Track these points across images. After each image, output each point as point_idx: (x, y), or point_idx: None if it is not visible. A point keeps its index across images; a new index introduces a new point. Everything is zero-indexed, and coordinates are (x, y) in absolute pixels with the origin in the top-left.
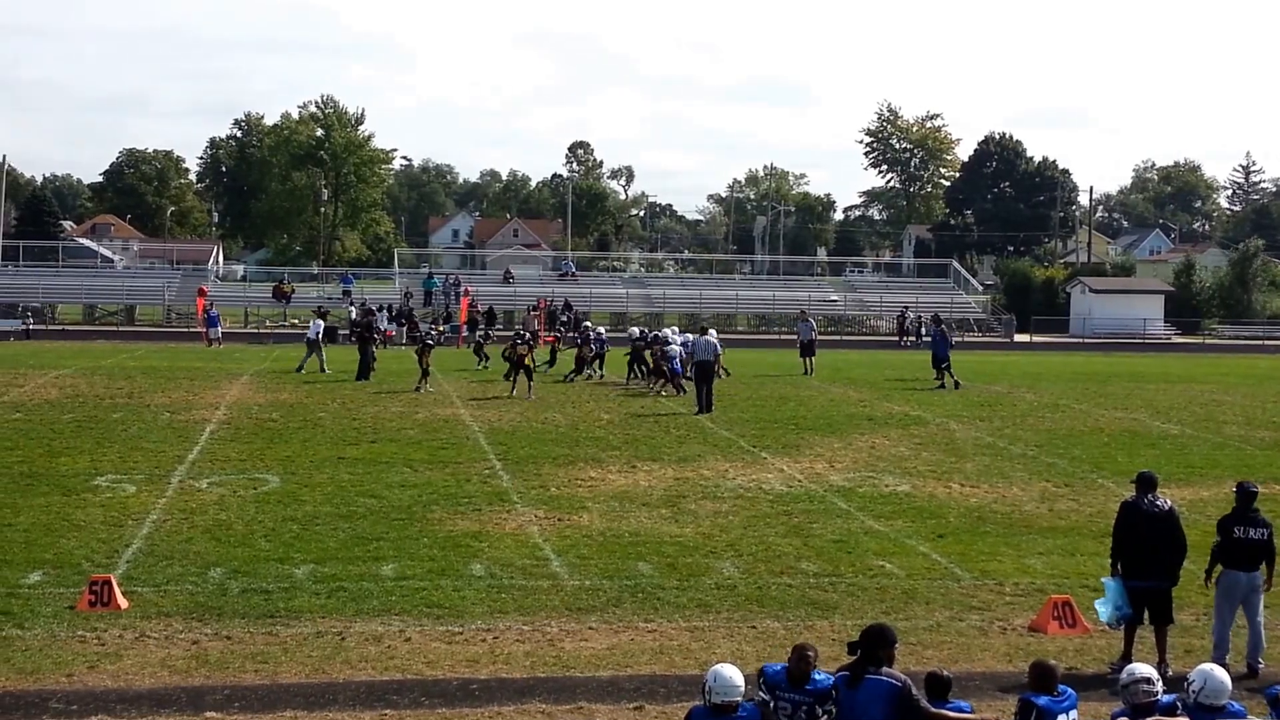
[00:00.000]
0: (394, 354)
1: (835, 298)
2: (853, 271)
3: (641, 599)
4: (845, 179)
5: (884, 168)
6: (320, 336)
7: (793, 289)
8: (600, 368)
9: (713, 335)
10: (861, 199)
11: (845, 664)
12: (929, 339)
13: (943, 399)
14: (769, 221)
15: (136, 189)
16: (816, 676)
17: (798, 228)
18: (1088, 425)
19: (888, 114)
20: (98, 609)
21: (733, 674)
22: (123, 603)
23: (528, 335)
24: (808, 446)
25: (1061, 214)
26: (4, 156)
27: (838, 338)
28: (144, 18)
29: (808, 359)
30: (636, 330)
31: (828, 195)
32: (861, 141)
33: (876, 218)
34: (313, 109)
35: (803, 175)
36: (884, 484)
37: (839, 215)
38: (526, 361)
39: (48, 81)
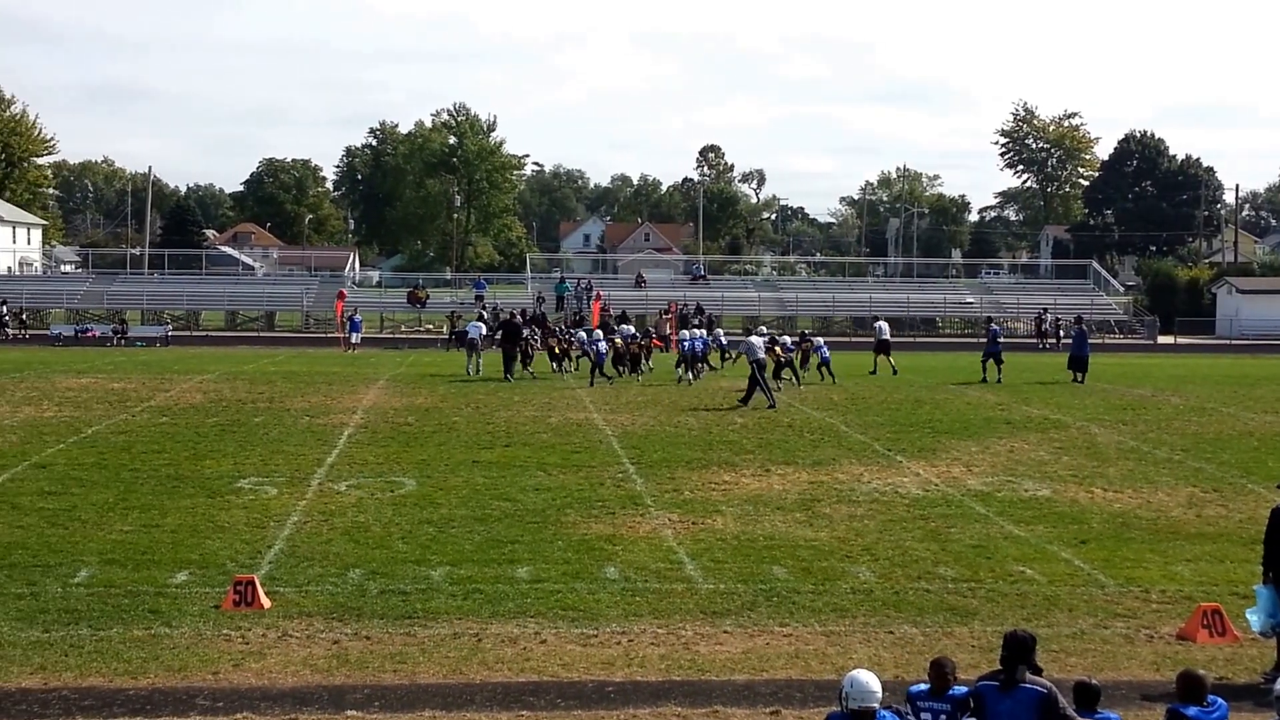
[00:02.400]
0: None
1: (971, 300)
2: (989, 273)
3: (776, 603)
4: (980, 180)
5: (1020, 168)
6: (481, 337)
7: (927, 291)
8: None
9: (756, 338)
10: (997, 200)
11: (989, 671)
12: (1068, 340)
13: (1083, 402)
14: (902, 224)
15: (276, 198)
16: (953, 691)
17: (932, 230)
18: (1236, 429)
19: (1024, 114)
20: (242, 608)
21: (870, 680)
22: (266, 602)
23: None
24: (944, 450)
25: (1206, 213)
26: (150, 168)
27: (974, 340)
28: (283, 31)
29: (883, 357)
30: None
31: (962, 196)
32: (997, 142)
33: (1013, 219)
34: (445, 117)
35: (937, 177)
36: (1023, 488)
37: (974, 217)
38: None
39: (191, 95)
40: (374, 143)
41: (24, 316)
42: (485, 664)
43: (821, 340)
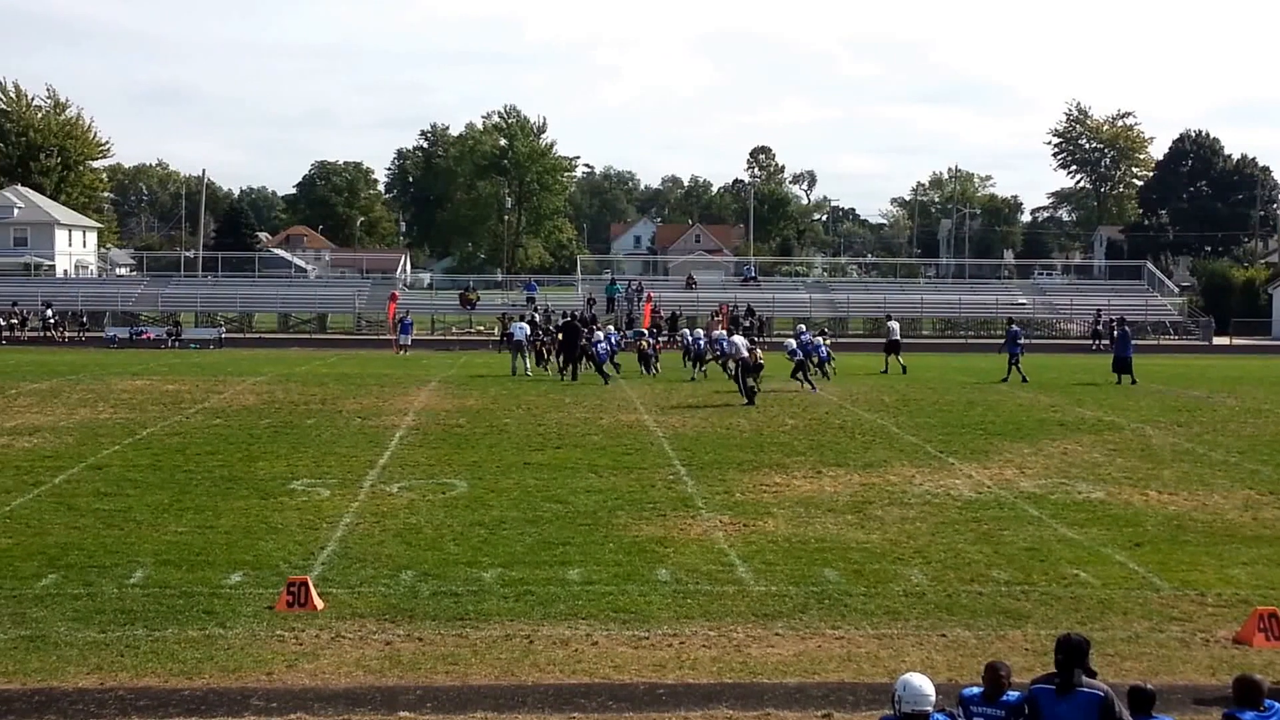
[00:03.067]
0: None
1: (1023, 301)
2: (1041, 274)
3: (828, 605)
4: (1033, 180)
5: (1073, 168)
6: (527, 339)
7: (979, 293)
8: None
9: (739, 338)
10: (1050, 200)
11: (1043, 674)
12: (1107, 341)
13: (1138, 404)
14: (954, 224)
15: (327, 200)
16: (1007, 697)
17: (984, 230)
18: None
19: (1077, 113)
20: (295, 609)
21: (923, 683)
22: (319, 603)
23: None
24: (997, 452)
25: (1262, 213)
26: (204, 171)
27: (1026, 341)
28: (334, 34)
29: (893, 356)
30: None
31: (1014, 197)
32: (1050, 142)
33: (1065, 219)
34: (496, 119)
35: (988, 177)
36: (1077, 491)
37: (1026, 217)
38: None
39: (244, 98)
40: (425, 145)
41: (82, 319)
42: (537, 666)
43: (821, 340)
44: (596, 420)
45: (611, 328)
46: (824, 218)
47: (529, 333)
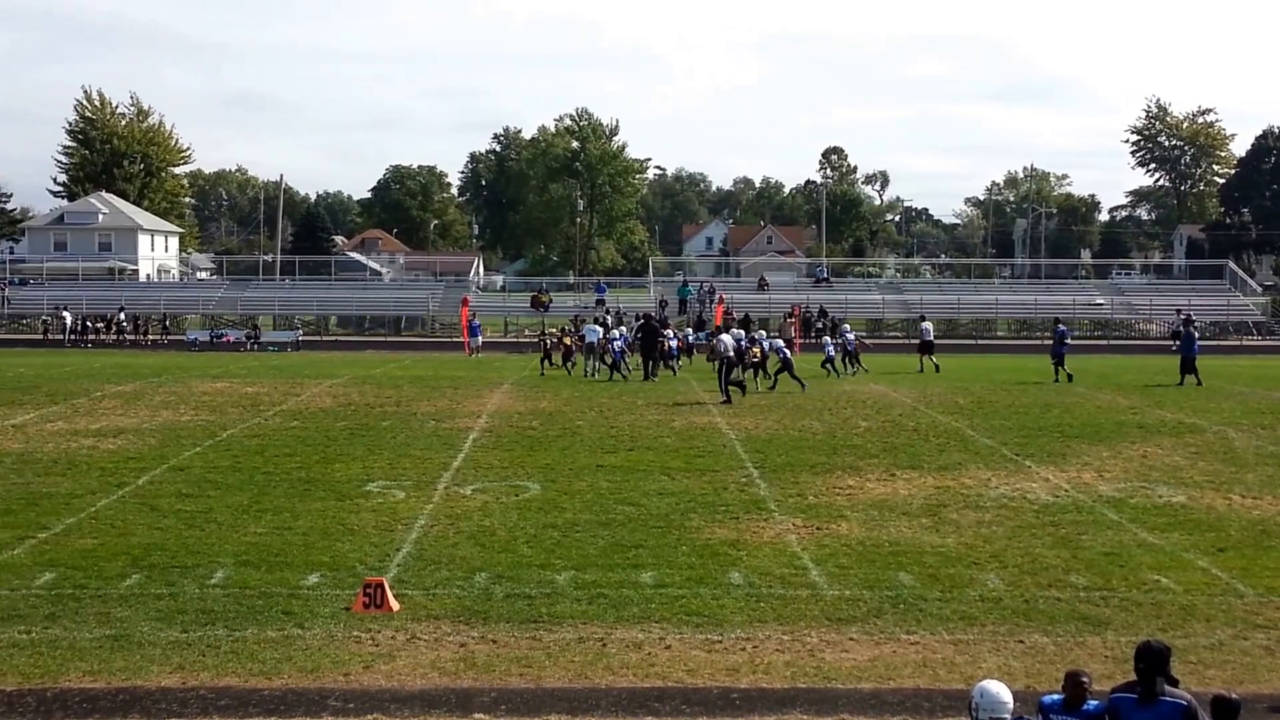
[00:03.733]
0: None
1: (1101, 301)
2: (1120, 274)
3: (903, 610)
4: (1111, 179)
5: (1152, 166)
6: (598, 342)
7: (1055, 293)
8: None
9: (727, 336)
10: (1128, 199)
11: (1124, 682)
12: (1175, 342)
13: (1219, 406)
14: (1030, 224)
15: (402, 204)
16: (1087, 705)
17: (1060, 230)
18: None
19: (1156, 111)
20: (371, 611)
21: (1000, 690)
22: (394, 605)
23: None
24: (1074, 455)
25: None
26: (281, 176)
27: (1104, 342)
28: (409, 39)
29: (927, 357)
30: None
31: (1092, 196)
32: (1128, 140)
33: (1144, 218)
34: (568, 121)
35: (1065, 176)
36: (1157, 495)
37: (1104, 216)
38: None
39: (320, 103)
40: (498, 148)
41: (165, 322)
42: (610, 669)
43: (827, 338)
44: (669, 422)
45: (624, 329)
46: (897, 218)
47: (601, 335)
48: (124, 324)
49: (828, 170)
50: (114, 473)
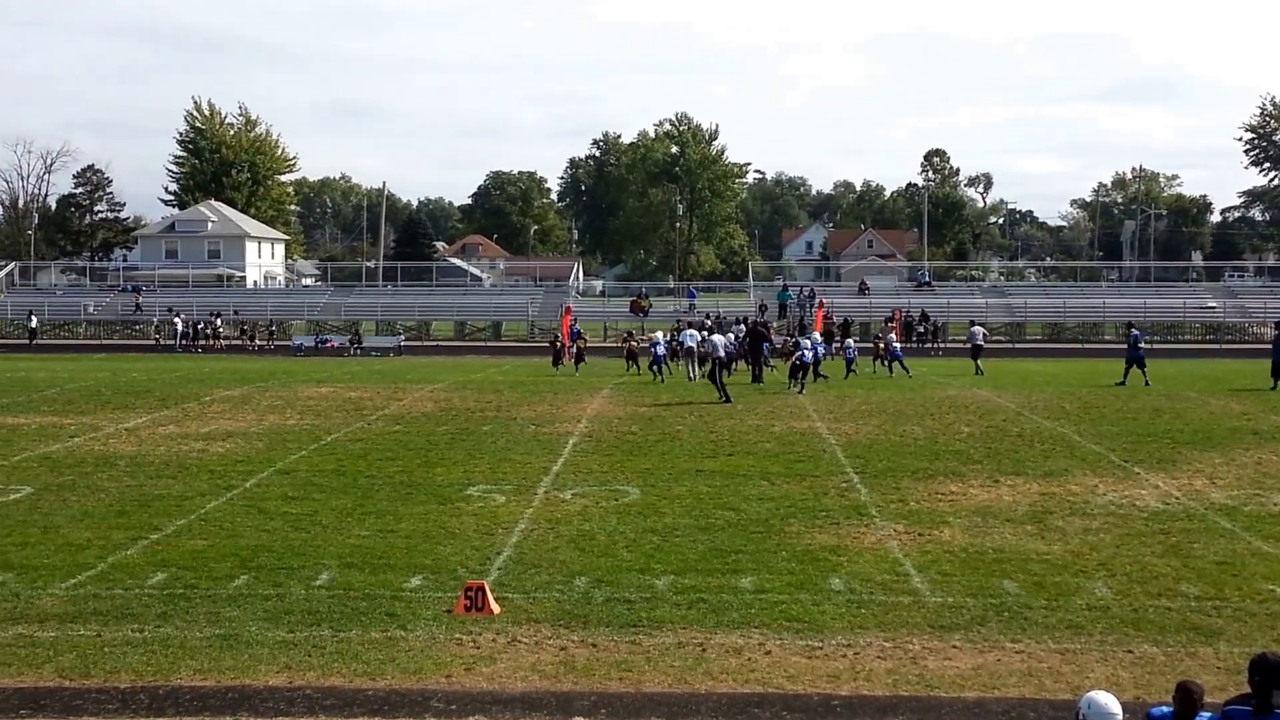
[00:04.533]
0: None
1: (1213, 304)
2: (1233, 276)
3: (1008, 618)
4: (1223, 179)
5: (1267, 165)
6: (699, 345)
7: (1165, 296)
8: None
9: (719, 337)
10: (1241, 199)
11: (1238, 695)
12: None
13: None
14: (1138, 226)
15: (502, 209)
16: (1199, 718)
17: (1169, 232)
18: None
19: (1271, 108)
20: (473, 613)
21: (1109, 701)
22: (495, 608)
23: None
24: (1185, 462)
25: None
26: (384, 183)
27: (1216, 346)
28: (508, 46)
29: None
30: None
31: (1203, 197)
32: (1241, 139)
33: (1258, 219)
34: (668, 126)
35: (1175, 176)
36: (1273, 502)
37: (1216, 217)
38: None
39: (422, 111)
40: (597, 153)
41: (272, 328)
42: (710, 674)
43: (818, 339)
44: (769, 427)
45: (661, 334)
46: (1001, 221)
47: (699, 340)
48: (220, 330)
49: (930, 173)
50: (223, 475)
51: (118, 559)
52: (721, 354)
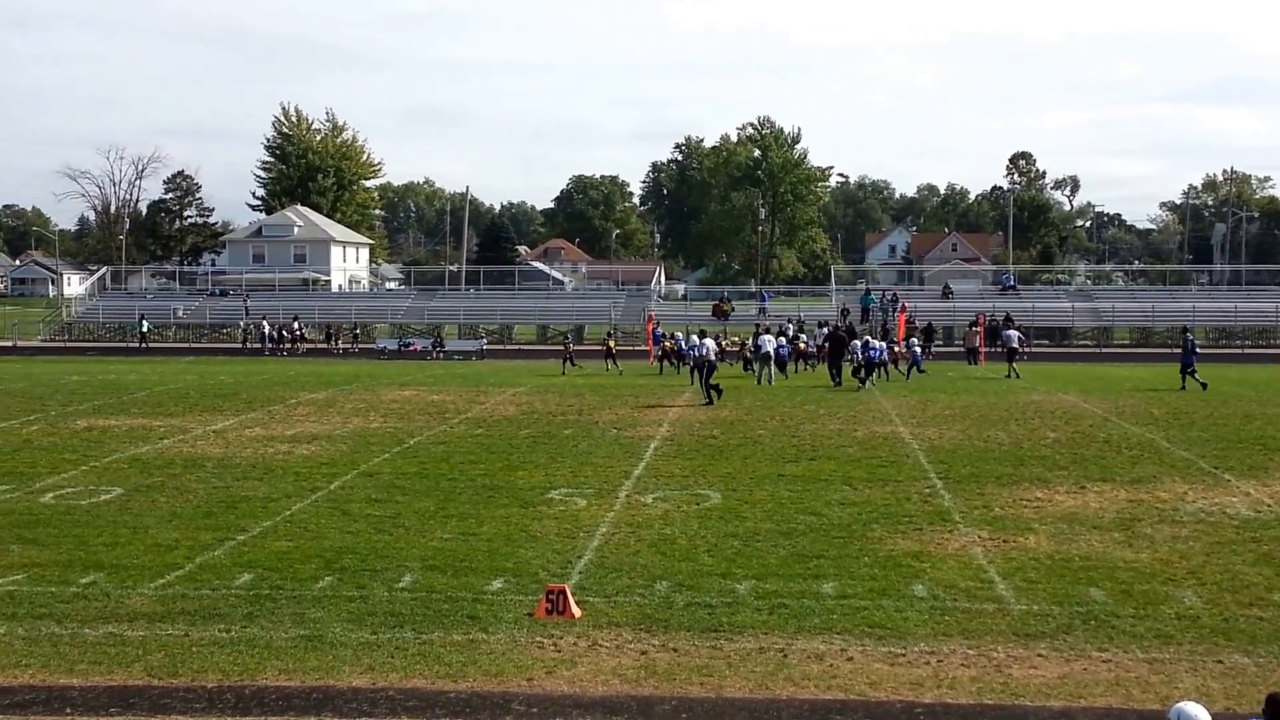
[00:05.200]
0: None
1: None
2: None
3: (1094, 627)
4: None
5: None
6: (775, 350)
7: (1256, 300)
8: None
9: (709, 340)
10: None
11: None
12: None
13: None
14: (1229, 229)
15: (584, 213)
16: None
17: (1262, 234)
18: None
19: None
20: (554, 617)
21: (1199, 712)
22: (576, 612)
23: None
24: (1277, 468)
25: None
26: (467, 188)
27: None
28: (591, 51)
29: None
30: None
31: None
32: None
33: None
34: (750, 130)
35: (1267, 178)
36: None
37: None
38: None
39: (505, 116)
40: (679, 157)
41: (356, 331)
42: (791, 680)
43: (856, 342)
44: (851, 432)
45: (700, 337)
46: (1087, 224)
47: (774, 345)
48: (299, 333)
49: (1015, 175)
50: (307, 478)
51: (205, 559)
52: (712, 357)
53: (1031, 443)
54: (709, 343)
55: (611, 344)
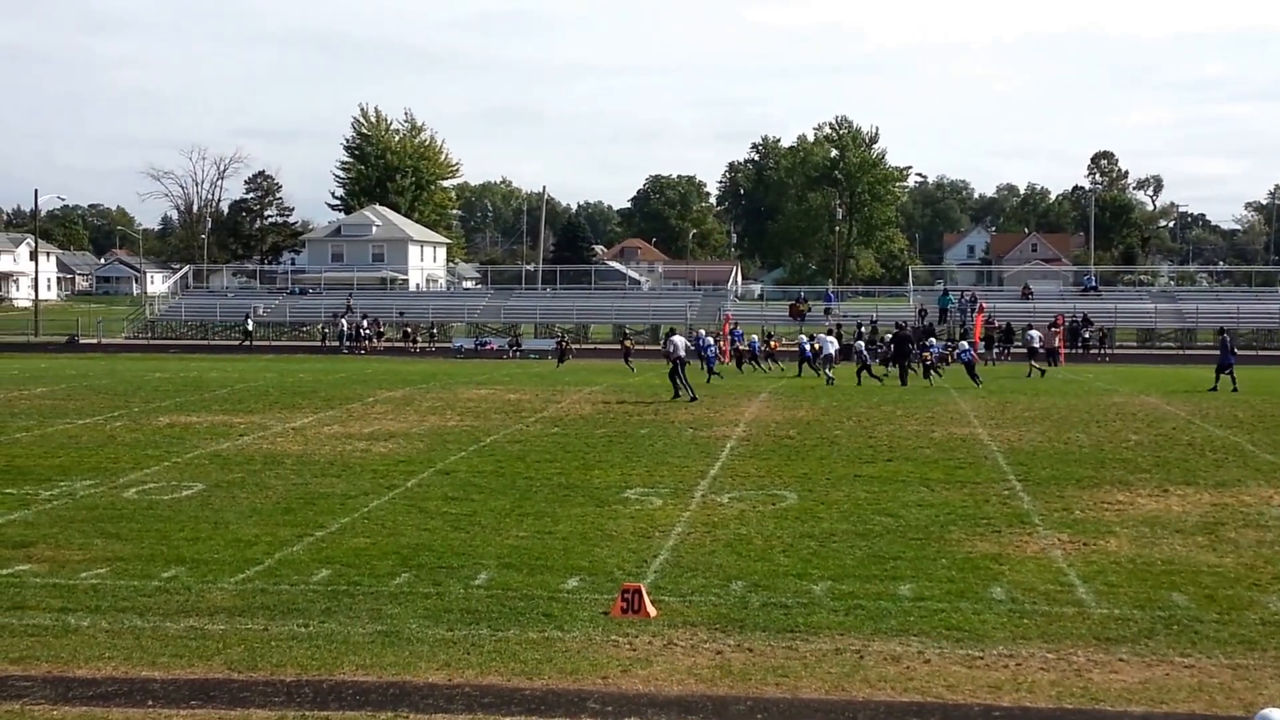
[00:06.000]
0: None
1: None
2: None
3: (1176, 631)
4: None
5: None
6: (836, 351)
7: None
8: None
9: (679, 338)
10: None
11: None
12: None
13: None
14: None
15: (661, 213)
16: None
17: None
18: None
19: None
20: (629, 616)
21: None
22: (651, 611)
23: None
24: None
25: None
26: (544, 187)
27: None
28: (668, 51)
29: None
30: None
31: None
32: None
33: None
34: (827, 130)
35: None
36: None
37: None
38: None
39: (582, 116)
40: (756, 157)
41: (433, 330)
42: (868, 681)
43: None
44: (929, 433)
45: (707, 336)
46: (1171, 224)
47: (836, 346)
48: (364, 331)
49: (1097, 175)
50: (385, 475)
51: (284, 555)
52: (681, 353)
53: (1113, 445)
54: (678, 340)
55: (629, 344)
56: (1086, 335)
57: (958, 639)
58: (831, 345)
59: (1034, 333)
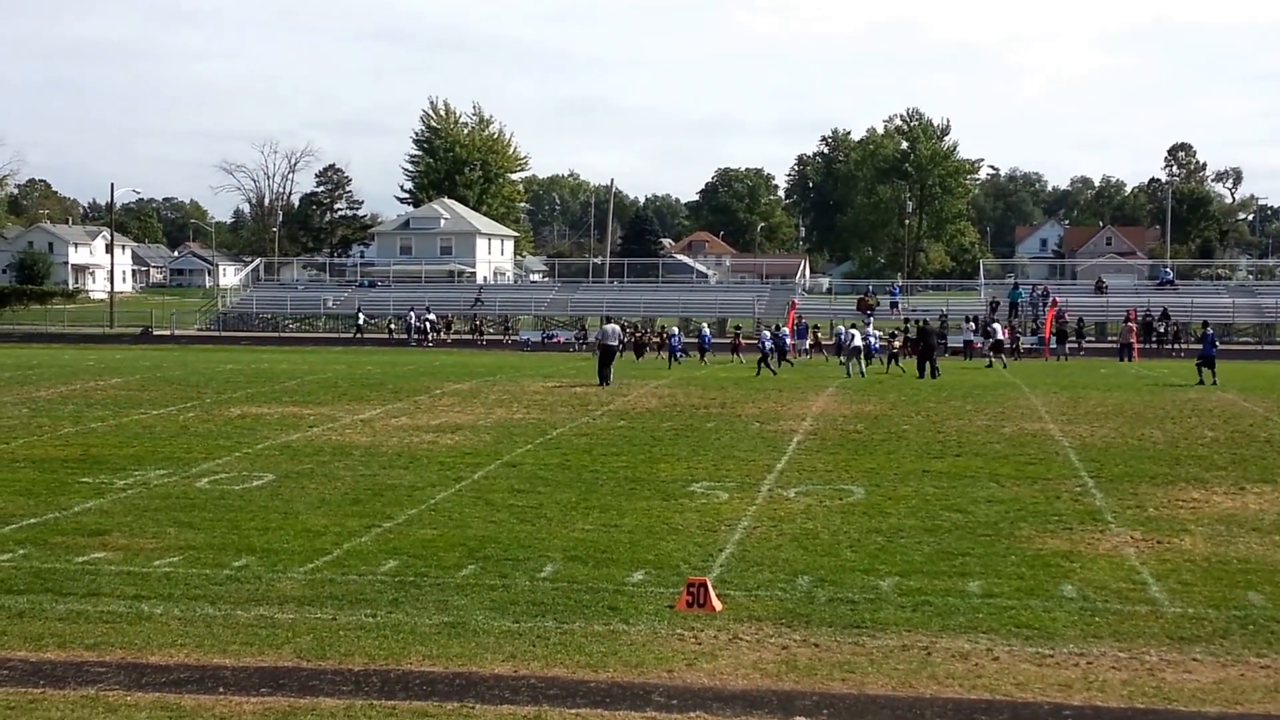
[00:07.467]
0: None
1: None
2: None
3: (1253, 632)
4: None
5: None
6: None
7: None
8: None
9: (612, 326)
10: None
11: None
12: None
13: None
14: None
15: (729, 206)
16: None
17: None
18: None
19: None
20: (694, 609)
21: None
22: (717, 605)
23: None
24: None
25: None
26: (611, 180)
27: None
28: (735, 43)
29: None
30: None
31: None
32: None
33: None
34: (898, 122)
35: None
36: None
37: None
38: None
39: (650, 109)
40: (825, 150)
41: (508, 323)
42: (935, 678)
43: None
44: (999, 428)
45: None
46: (1250, 217)
47: (865, 338)
48: (423, 325)
49: (1174, 167)
50: (452, 467)
51: (352, 546)
52: (613, 342)
53: (1188, 442)
54: (610, 329)
55: (641, 336)
56: (1162, 329)
57: (1027, 637)
58: (859, 339)
59: (996, 325)
